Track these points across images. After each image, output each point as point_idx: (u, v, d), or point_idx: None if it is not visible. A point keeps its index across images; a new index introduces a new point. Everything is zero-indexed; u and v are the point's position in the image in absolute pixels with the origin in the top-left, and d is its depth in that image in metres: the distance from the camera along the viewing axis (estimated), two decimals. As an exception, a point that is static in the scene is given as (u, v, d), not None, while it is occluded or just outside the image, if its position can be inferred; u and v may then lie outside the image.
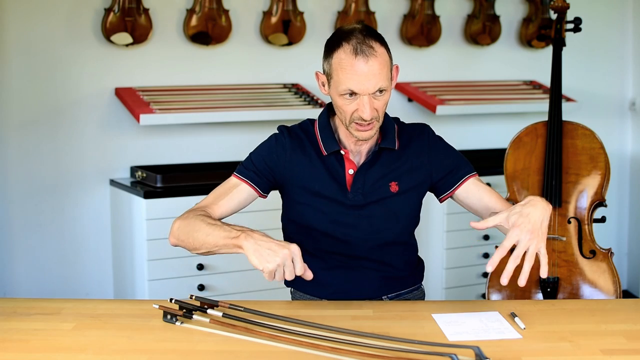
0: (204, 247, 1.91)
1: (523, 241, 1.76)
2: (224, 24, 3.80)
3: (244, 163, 2.10)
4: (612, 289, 2.70)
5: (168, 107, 3.58)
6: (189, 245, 1.95)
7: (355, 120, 1.94)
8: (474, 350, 1.55)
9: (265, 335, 1.68)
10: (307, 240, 2.10)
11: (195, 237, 1.91)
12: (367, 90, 1.90)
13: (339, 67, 1.91)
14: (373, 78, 1.89)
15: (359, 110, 1.92)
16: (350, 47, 1.90)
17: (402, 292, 2.14)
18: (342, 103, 1.94)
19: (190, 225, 1.94)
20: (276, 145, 2.08)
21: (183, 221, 1.96)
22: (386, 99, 1.96)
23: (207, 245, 1.90)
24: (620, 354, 1.61)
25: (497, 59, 4.42)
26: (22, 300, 2.00)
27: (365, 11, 4.02)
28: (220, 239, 1.87)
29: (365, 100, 1.91)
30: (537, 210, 1.80)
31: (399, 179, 2.06)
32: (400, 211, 2.09)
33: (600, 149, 2.84)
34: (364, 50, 1.89)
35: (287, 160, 2.06)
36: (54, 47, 3.57)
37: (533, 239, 1.77)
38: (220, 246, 1.88)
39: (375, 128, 1.97)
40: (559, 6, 3.05)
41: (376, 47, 1.91)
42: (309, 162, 2.06)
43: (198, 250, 1.94)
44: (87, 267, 3.70)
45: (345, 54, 1.90)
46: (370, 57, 1.89)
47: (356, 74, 1.89)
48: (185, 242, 1.95)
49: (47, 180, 3.61)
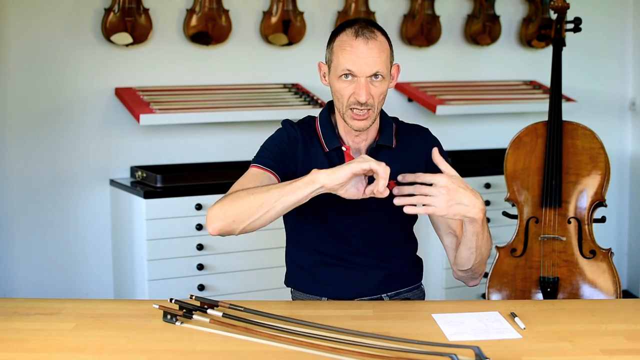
0: (265, 204, 1.81)
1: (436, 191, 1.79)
2: (224, 24, 3.80)
3: (260, 153, 2.05)
4: (612, 289, 2.70)
5: (168, 107, 3.58)
6: (243, 215, 1.83)
7: (352, 105, 1.95)
8: (474, 350, 1.55)
9: (265, 335, 1.68)
10: (307, 237, 2.11)
11: (251, 201, 1.82)
12: (364, 72, 1.92)
13: (339, 48, 1.95)
14: (371, 59, 1.92)
15: (355, 94, 1.94)
16: (352, 30, 1.95)
17: (402, 290, 2.14)
18: (339, 87, 1.96)
19: (237, 199, 1.85)
20: (288, 136, 2.08)
21: (223, 202, 1.87)
22: (383, 89, 1.97)
23: (270, 201, 1.81)
24: (620, 354, 1.61)
25: (497, 59, 4.42)
26: (22, 300, 2.00)
27: (365, 11, 4.02)
28: (285, 186, 1.80)
29: (362, 83, 1.93)
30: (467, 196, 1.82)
31: (397, 179, 2.06)
32: (399, 210, 2.09)
33: (600, 149, 2.84)
34: (365, 33, 1.94)
35: (298, 152, 2.07)
36: (54, 47, 3.57)
37: (442, 196, 1.79)
38: (287, 192, 1.80)
39: (371, 118, 1.98)
40: (559, 6, 3.05)
41: (377, 34, 1.96)
42: (315, 155, 2.07)
43: (256, 214, 1.83)
44: (87, 267, 3.70)
45: (347, 36, 1.95)
46: (371, 40, 1.93)
47: (355, 54, 1.92)
48: (237, 216, 1.84)
49: (47, 180, 3.60)
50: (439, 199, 1.80)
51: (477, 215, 1.85)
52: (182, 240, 3.35)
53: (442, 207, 1.80)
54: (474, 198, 1.83)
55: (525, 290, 2.76)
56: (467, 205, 1.82)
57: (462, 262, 2.02)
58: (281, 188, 1.82)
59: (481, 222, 1.88)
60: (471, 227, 1.90)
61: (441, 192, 1.80)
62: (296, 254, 2.16)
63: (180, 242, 3.35)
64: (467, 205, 1.82)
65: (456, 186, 1.81)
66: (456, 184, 1.82)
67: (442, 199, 1.79)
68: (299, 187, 1.80)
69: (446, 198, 1.80)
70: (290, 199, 1.81)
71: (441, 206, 1.80)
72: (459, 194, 1.81)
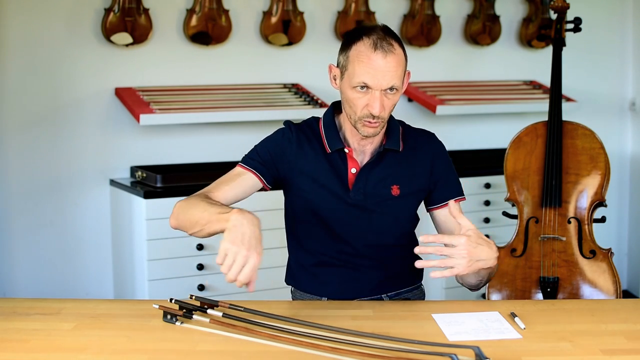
0: (198, 224, 1.85)
1: (457, 252, 1.82)
2: (224, 24, 3.80)
3: (249, 154, 2.09)
4: (612, 289, 2.70)
5: (168, 107, 3.58)
6: (187, 223, 1.89)
7: (364, 117, 1.95)
8: (474, 350, 1.55)
9: (265, 335, 1.68)
10: (308, 237, 2.10)
11: (192, 214, 1.87)
12: (380, 86, 1.91)
13: (356, 59, 1.93)
14: (388, 74, 1.91)
15: (369, 106, 1.93)
16: (371, 41, 1.92)
17: (402, 290, 2.14)
18: (353, 96, 1.95)
19: (190, 204, 1.90)
20: (282, 138, 2.09)
21: (184, 202, 1.93)
22: (395, 100, 1.97)
23: (201, 222, 1.84)
24: (620, 354, 1.61)
25: (497, 59, 4.42)
26: (22, 300, 2.00)
27: (365, 11, 4.02)
28: (213, 214, 1.80)
29: (377, 96, 1.92)
30: (484, 251, 1.85)
31: (401, 183, 2.07)
32: (401, 214, 2.10)
33: (600, 149, 2.84)
34: (384, 46, 1.91)
35: (292, 154, 2.07)
36: (54, 47, 3.57)
37: (463, 259, 1.82)
38: (212, 221, 1.80)
39: (381, 126, 1.99)
40: (559, 6, 3.05)
41: (395, 46, 1.93)
42: (314, 157, 2.06)
43: (194, 229, 1.87)
44: (87, 267, 3.70)
45: (365, 47, 1.92)
46: (389, 54, 1.91)
47: (372, 67, 1.90)
48: (183, 222, 1.91)
49: (47, 180, 3.60)
50: (460, 261, 1.83)
51: (493, 264, 1.90)
52: (182, 240, 3.35)
53: (463, 267, 1.84)
54: (490, 252, 1.87)
55: (525, 290, 2.76)
56: (486, 260, 1.86)
57: (468, 281, 2.04)
58: (210, 215, 1.82)
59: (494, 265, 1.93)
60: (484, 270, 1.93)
61: (462, 255, 1.83)
62: (297, 254, 2.16)
63: (180, 242, 3.35)
64: (486, 260, 1.86)
65: (474, 244, 1.84)
66: (474, 241, 1.84)
67: (463, 261, 1.83)
68: (218, 220, 1.78)
69: (467, 260, 1.83)
70: (213, 227, 1.81)
71: (462, 267, 1.84)
72: (478, 252, 1.84)
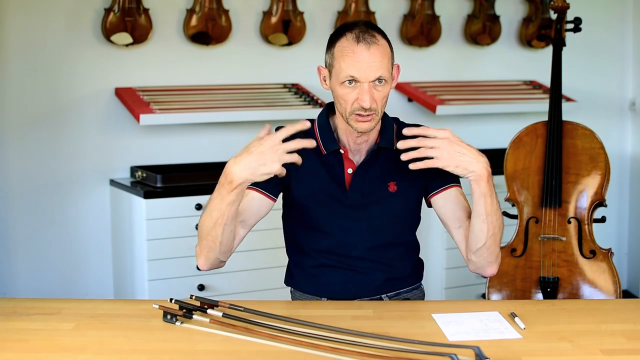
0: (218, 223, 1.86)
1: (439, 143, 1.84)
2: (224, 24, 3.80)
3: None
4: (612, 289, 2.70)
5: (168, 107, 3.58)
6: (213, 242, 1.90)
7: (355, 111, 1.95)
8: (474, 350, 1.55)
9: (265, 335, 1.68)
10: (307, 239, 2.10)
11: (208, 229, 1.89)
12: (367, 77, 1.91)
13: (340, 55, 1.93)
14: (374, 65, 1.91)
15: (359, 99, 1.93)
16: (353, 35, 1.93)
17: (402, 290, 2.14)
18: (342, 92, 1.95)
19: (201, 233, 1.94)
20: None
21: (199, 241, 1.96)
22: (386, 92, 1.96)
23: (215, 215, 1.87)
24: (620, 354, 1.61)
25: (497, 59, 4.42)
26: (22, 300, 2.00)
27: (365, 11, 4.02)
28: (215, 197, 1.85)
29: (366, 88, 1.92)
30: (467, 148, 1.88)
31: (398, 179, 2.07)
32: (399, 211, 2.09)
33: (600, 149, 2.84)
34: (366, 38, 1.92)
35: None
36: (54, 47, 3.57)
37: (444, 150, 1.84)
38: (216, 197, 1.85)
39: (375, 120, 1.98)
40: (559, 6, 3.05)
41: (378, 37, 1.94)
42: (309, 161, 2.05)
43: (222, 229, 1.87)
44: (87, 267, 3.70)
45: (348, 42, 1.93)
46: (372, 45, 1.92)
47: (357, 60, 1.91)
48: (210, 246, 1.92)
49: (48, 180, 3.60)
50: (442, 150, 1.84)
51: (480, 171, 1.87)
52: (182, 240, 3.35)
53: (445, 157, 1.84)
54: (476, 153, 1.88)
55: (525, 290, 2.76)
56: (470, 158, 1.86)
57: (476, 238, 1.97)
58: (212, 200, 1.88)
59: (487, 181, 1.89)
60: (477, 187, 1.89)
61: (444, 144, 1.84)
62: (296, 256, 2.15)
63: (180, 242, 3.35)
64: (470, 158, 1.86)
65: (458, 139, 1.87)
66: (458, 138, 1.88)
67: (445, 149, 1.84)
68: (220, 186, 1.85)
69: (449, 149, 1.84)
70: (225, 198, 1.84)
71: (444, 156, 1.84)
72: (461, 146, 1.86)
